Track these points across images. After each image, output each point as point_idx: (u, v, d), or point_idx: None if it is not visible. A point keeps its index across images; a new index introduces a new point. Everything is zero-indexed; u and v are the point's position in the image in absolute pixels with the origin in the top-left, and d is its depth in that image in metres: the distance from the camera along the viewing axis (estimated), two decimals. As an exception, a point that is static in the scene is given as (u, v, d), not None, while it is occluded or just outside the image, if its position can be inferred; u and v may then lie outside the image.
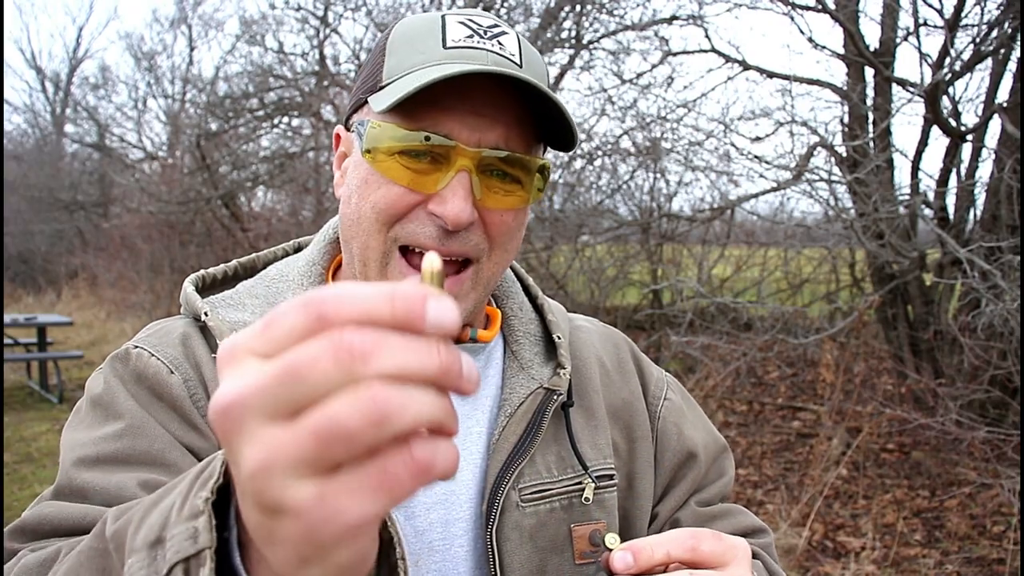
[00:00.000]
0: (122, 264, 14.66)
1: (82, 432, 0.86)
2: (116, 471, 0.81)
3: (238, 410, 0.40)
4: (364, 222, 0.86)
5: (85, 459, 0.82)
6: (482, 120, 0.82)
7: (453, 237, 0.84)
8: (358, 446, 0.39)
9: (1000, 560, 4.11)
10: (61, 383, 8.69)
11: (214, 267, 1.00)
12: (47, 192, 18.81)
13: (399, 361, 0.39)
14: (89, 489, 0.80)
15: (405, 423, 0.39)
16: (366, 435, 0.39)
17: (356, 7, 8.77)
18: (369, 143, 0.84)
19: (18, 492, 5.76)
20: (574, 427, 0.95)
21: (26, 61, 33.39)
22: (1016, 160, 5.01)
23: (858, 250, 7.00)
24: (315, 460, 0.39)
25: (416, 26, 0.87)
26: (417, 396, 0.40)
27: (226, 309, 0.91)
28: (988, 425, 4.78)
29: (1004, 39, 5.31)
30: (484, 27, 0.87)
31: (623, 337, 1.12)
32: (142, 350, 0.89)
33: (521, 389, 0.94)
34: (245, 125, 10.80)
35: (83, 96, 20.29)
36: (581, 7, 7.79)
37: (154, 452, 0.82)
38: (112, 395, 0.87)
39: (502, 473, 0.88)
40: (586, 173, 8.72)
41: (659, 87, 7.47)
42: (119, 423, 0.84)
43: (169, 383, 0.86)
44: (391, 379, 0.39)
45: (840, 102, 6.52)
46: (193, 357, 0.88)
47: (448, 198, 0.82)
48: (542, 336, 1.01)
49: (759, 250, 8.69)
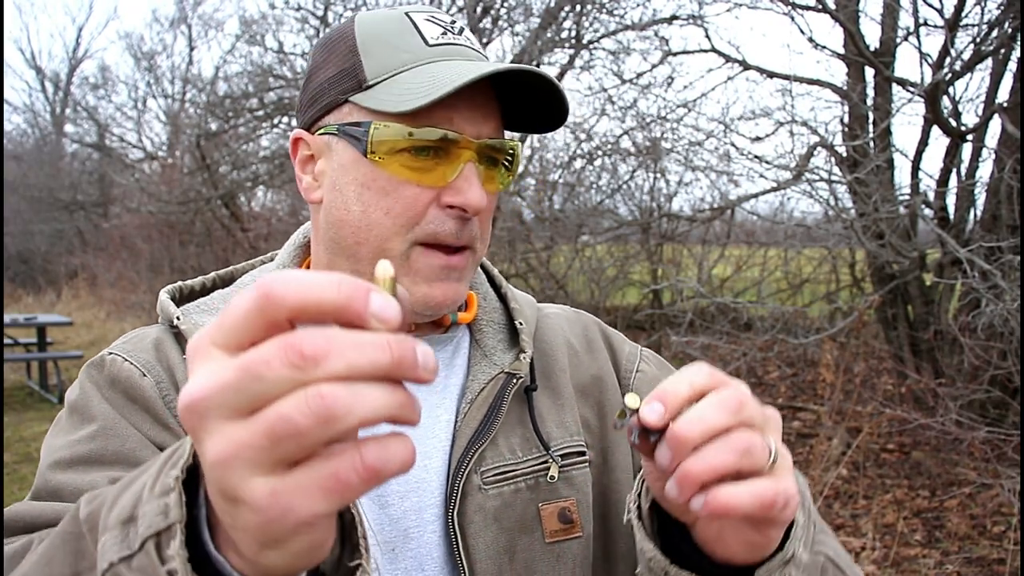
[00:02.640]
0: (122, 264, 14.67)
1: (59, 438, 0.89)
2: (89, 471, 0.83)
3: (202, 406, 0.43)
4: (377, 228, 0.87)
5: (60, 461, 0.84)
6: (476, 113, 0.87)
7: (466, 227, 0.88)
8: (309, 443, 0.41)
9: (1000, 560, 4.11)
10: (61, 383, 8.68)
11: (192, 279, 1.01)
12: (47, 192, 18.81)
13: (349, 360, 0.41)
14: (63, 489, 0.82)
15: (352, 421, 0.41)
16: (315, 433, 0.41)
17: (356, 7, 8.77)
18: (375, 145, 0.85)
19: (18, 492, 5.76)
20: (539, 409, 0.97)
21: (26, 61, 33.42)
22: (1016, 160, 5.01)
23: (858, 250, 7.01)
24: (268, 457, 0.42)
25: (384, 24, 0.89)
26: (366, 393, 0.41)
27: (199, 314, 0.94)
28: (988, 425, 4.77)
29: (1004, 39, 5.31)
30: (447, 23, 0.91)
31: (593, 319, 1.14)
32: (116, 356, 0.91)
33: (483, 376, 0.96)
34: (245, 125, 10.80)
35: (83, 96, 20.31)
36: (581, 7, 7.79)
37: (126, 451, 0.85)
38: (87, 400, 0.89)
39: (463, 457, 0.90)
40: (586, 173, 8.73)
41: (659, 87, 7.48)
42: (92, 425, 0.87)
43: (141, 386, 0.88)
44: (341, 379, 0.41)
45: (840, 102, 6.52)
46: (166, 360, 0.91)
47: (464, 187, 0.85)
48: (506, 324, 1.03)
49: (759, 250, 8.69)
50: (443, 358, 0.97)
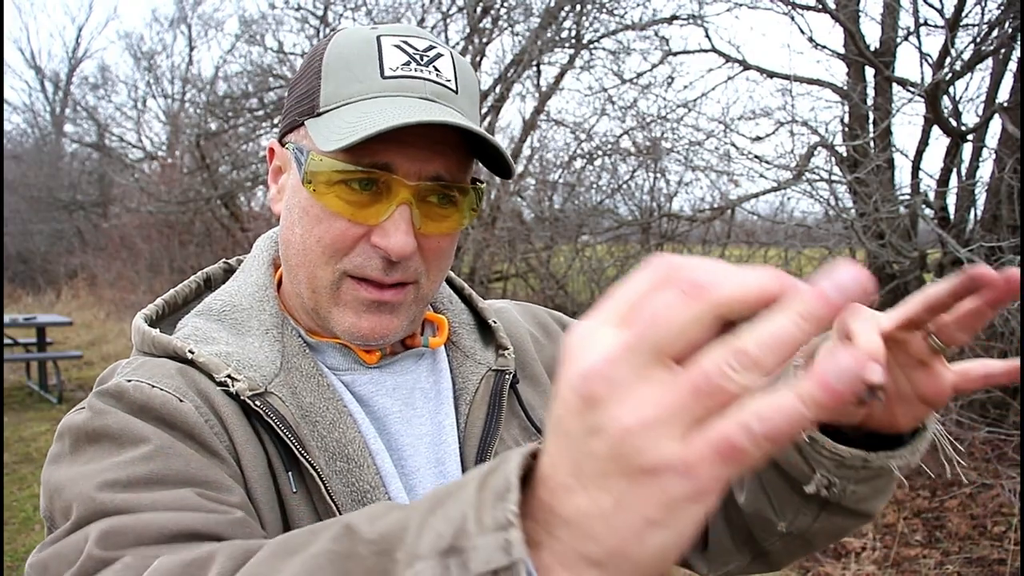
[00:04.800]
0: (121, 264, 14.67)
1: (87, 464, 0.75)
2: (158, 490, 0.72)
3: (607, 369, 0.40)
4: (310, 254, 0.88)
5: (114, 482, 0.71)
6: (421, 152, 0.84)
7: (396, 267, 0.86)
8: (726, 399, 0.39)
9: (1001, 560, 4.11)
10: (60, 383, 8.68)
11: (148, 308, 0.95)
12: (46, 192, 18.80)
13: (791, 339, 0.39)
14: (135, 508, 0.69)
15: (772, 361, 0.39)
16: (736, 386, 0.39)
17: (356, 7, 8.77)
18: (310, 175, 0.85)
19: (18, 492, 5.76)
20: (526, 398, 1.01)
21: (25, 61, 33.36)
22: (1017, 160, 5.01)
23: (858, 250, 7.00)
24: (689, 415, 0.39)
25: (352, 47, 0.88)
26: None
27: (200, 344, 0.88)
28: (989, 425, 4.78)
29: (1005, 39, 5.31)
30: (420, 51, 0.88)
31: (539, 307, 1.19)
32: (140, 383, 0.81)
33: (472, 376, 0.98)
34: (245, 125, 10.79)
35: (82, 96, 20.26)
36: (581, 7, 7.79)
37: (192, 471, 0.75)
38: (121, 424, 0.78)
39: (479, 457, 0.92)
40: (586, 173, 8.72)
41: (659, 87, 7.47)
42: (143, 446, 0.75)
43: (181, 410, 0.79)
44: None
45: (840, 102, 6.52)
46: (195, 386, 0.83)
47: (391, 231, 0.84)
48: (476, 324, 1.06)
49: (759, 250, 8.68)
50: (426, 366, 0.98)
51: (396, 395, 0.94)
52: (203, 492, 0.74)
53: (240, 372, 0.84)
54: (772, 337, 0.39)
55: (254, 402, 0.82)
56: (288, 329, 0.92)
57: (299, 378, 0.88)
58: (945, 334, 0.72)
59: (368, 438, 0.89)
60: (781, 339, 0.39)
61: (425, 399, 0.95)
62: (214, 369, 0.84)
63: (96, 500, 0.70)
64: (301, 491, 0.82)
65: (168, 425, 0.79)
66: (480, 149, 0.90)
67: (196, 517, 0.69)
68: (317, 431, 0.86)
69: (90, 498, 0.70)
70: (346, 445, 0.86)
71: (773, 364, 0.39)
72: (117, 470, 0.72)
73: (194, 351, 0.86)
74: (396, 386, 0.94)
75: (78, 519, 0.70)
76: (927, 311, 0.69)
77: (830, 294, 0.39)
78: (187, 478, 0.74)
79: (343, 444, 0.86)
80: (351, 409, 0.89)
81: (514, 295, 9.06)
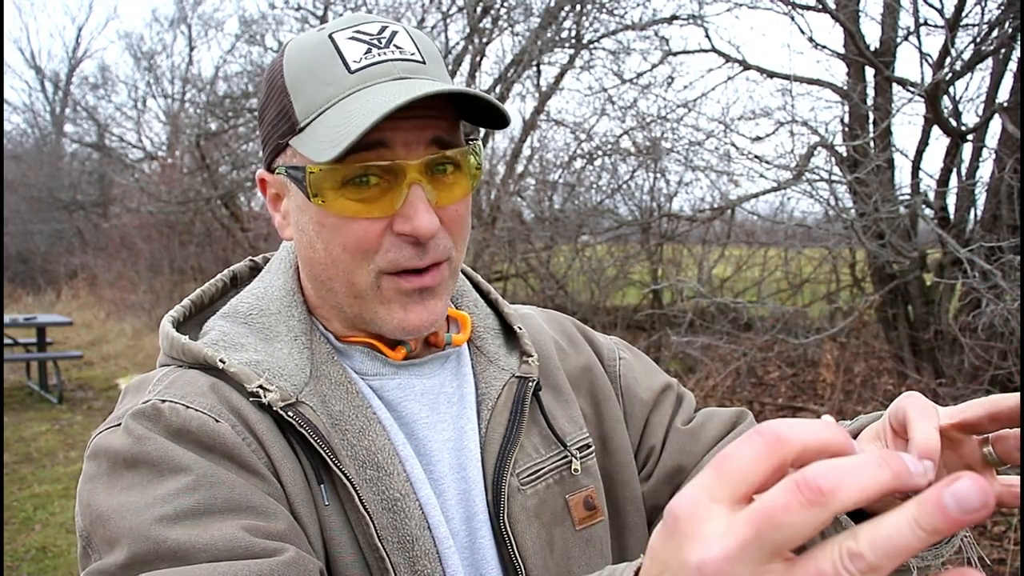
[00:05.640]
0: (121, 264, 14.68)
1: (128, 492, 0.75)
2: (209, 524, 0.72)
3: (726, 568, 0.41)
4: (340, 263, 0.86)
5: (161, 517, 0.72)
6: (413, 130, 0.83)
7: (427, 249, 0.86)
8: (802, 533, 0.41)
9: (1000, 560, 4.11)
10: (61, 383, 8.69)
11: (175, 310, 0.96)
12: (46, 192, 18.79)
13: (860, 483, 0.40)
14: (189, 548, 0.70)
15: (888, 568, 0.40)
16: (807, 520, 0.41)
17: (356, 7, 8.77)
18: (315, 189, 0.84)
19: (18, 493, 5.76)
20: (547, 407, 1.01)
21: (25, 61, 33.37)
22: (1017, 160, 5.01)
23: (858, 250, 7.00)
24: (769, 551, 0.41)
25: (308, 54, 0.86)
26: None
27: (230, 352, 0.87)
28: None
29: (1005, 39, 5.31)
30: (375, 35, 0.86)
31: (565, 316, 1.19)
32: (175, 404, 0.81)
33: (495, 382, 0.98)
34: (245, 125, 10.79)
35: (82, 96, 20.22)
36: (581, 7, 7.79)
37: (237, 497, 0.75)
38: (160, 451, 0.77)
39: (499, 464, 0.93)
40: (586, 173, 8.72)
41: (659, 87, 7.46)
42: (184, 475, 0.75)
43: (219, 432, 0.79)
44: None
45: (840, 102, 6.51)
46: (228, 403, 0.83)
47: (411, 214, 0.83)
48: (500, 329, 1.05)
49: (759, 250, 8.68)
50: (450, 370, 0.98)
51: (424, 400, 0.93)
52: (251, 525, 0.74)
53: (272, 382, 0.84)
54: (890, 543, 0.39)
55: (287, 413, 0.82)
56: (316, 335, 0.92)
57: (328, 386, 0.88)
58: (1003, 448, 0.69)
59: (397, 444, 0.89)
60: (898, 547, 0.39)
61: (448, 404, 0.95)
62: (245, 379, 0.84)
63: (150, 538, 0.71)
64: (334, 503, 0.83)
65: (206, 448, 0.79)
66: (467, 109, 0.89)
67: (251, 568, 0.69)
68: (347, 439, 0.86)
69: (143, 536, 0.71)
70: (376, 453, 0.86)
71: (888, 571, 0.39)
72: (164, 504, 0.73)
73: (225, 360, 0.85)
74: (424, 391, 0.94)
75: (132, 557, 0.71)
76: (989, 419, 0.68)
77: (952, 510, 0.38)
78: (233, 505, 0.75)
79: (372, 452, 0.86)
80: (380, 416, 0.89)
81: (514, 295, 9.05)
